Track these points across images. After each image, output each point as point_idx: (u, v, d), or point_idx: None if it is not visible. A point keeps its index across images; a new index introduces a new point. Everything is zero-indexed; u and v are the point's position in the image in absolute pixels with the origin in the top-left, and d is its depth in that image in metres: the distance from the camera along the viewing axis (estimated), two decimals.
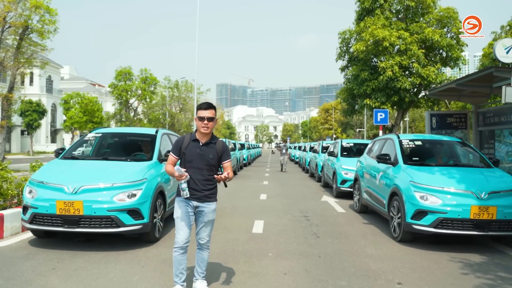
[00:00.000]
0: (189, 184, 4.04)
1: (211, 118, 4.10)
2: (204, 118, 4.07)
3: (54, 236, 6.57)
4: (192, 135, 4.23)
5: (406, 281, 4.85)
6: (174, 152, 4.22)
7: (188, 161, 4.13)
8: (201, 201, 4.13)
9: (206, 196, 4.14)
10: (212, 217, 4.24)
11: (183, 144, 4.18)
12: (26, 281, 4.58)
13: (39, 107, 46.05)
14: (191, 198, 4.09)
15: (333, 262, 5.57)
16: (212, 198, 4.20)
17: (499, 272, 5.30)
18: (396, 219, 7.00)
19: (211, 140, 4.20)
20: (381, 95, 18.93)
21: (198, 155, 4.10)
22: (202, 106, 4.14)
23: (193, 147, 4.13)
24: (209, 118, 4.09)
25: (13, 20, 21.02)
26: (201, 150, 4.11)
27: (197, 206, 4.14)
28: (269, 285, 4.62)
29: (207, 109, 4.10)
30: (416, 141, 8.45)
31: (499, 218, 6.15)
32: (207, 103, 4.16)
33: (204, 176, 4.12)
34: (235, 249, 6.16)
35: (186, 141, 4.19)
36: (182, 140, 4.22)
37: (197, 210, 4.16)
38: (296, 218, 8.91)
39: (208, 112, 4.10)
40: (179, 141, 4.24)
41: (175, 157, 4.21)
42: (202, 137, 4.17)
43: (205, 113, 4.09)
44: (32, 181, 6.18)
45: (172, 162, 4.21)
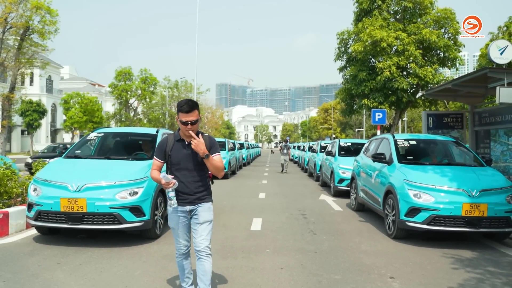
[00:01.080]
0: (179, 188, 3.73)
1: (195, 121, 3.67)
2: (188, 122, 3.64)
3: (57, 233, 6.76)
4: (175, 135, 3.86)
5: (398, 275, 5.04)
6: (158, 156, 3.86)
7: (175, 163, 3.81)
8: (195, 204, 3.81)
9: (199, 198, 3.83)
10: (208, 217, 3.84)
11: (167, 146, 3.83)
12: (33, 275, 4.76)
13: (39, 107, 46.22)
14: (183, 203, 3.79)
15: (328, 258, 5.75)
16: (206, 199, 3.88)
17: (488, 267, 5.49)
18: (391, 216, 7.19)
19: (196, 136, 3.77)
20: (379, 95, 19.14)
21: (185, 156, 3.77)
22: (184, 108, 3.63)
23: (179, 148, 3.80)
24: (192, 122, 3.66)
25: (14, 20, 21.27)
26: (188, 150, 3.77)
27: (191, 210, 3.83)
28: (266, 279, 4.81)
29: (189, 112, 3.64)
30: (410, 141, 8.64)
31: (490, 215, 6.33)
32: (189, 105, 3.65)
33: (195, 177, 3.80)
34: (233, 245, 6.35)
35: (170, 143, 3.84)
36: (165, 142, 3.86)
37: (192, 214, 3.85)
38: (294, 216, 9.10)
39: (191, 115, 3.64)
40: (163, 143, 3.88)
41: (160, 161, 3.87)
42: (186, 137, 3.79)
43: (188, 117, 3.64)
44: (37, 180, 6.37)
45: (157, 167, 3.87)
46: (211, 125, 71.57)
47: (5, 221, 6.66)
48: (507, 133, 10.45)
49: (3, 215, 6.62)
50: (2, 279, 4.62)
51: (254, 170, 26.35)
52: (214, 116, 74.69)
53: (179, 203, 3.77)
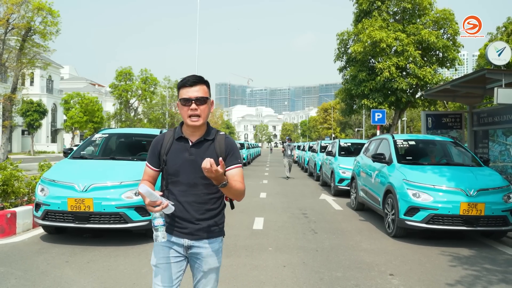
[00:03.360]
0: (176, 213, 2.47)
1: (203, 99, 2.46)
2: (191, 100, 2.44)
3: (64, 232, 6.91)
4: (176, 132, 2.57)
5: (397, 273, 5.19)
6: (151, 161, 2.60)
7: (172, 174, 2.51)
8: (197, 237, 2.51)
9: (205, 229, 2.51)
10: (216, 263, 2.58)
11: (162, 146, 2.56)
12: (43, 273, 4.91)
13: (40, 107, 46.34)
14: (178, 233, 2.51)
15: (329, 256, 5.90)
16: (216, 232, 2.56)
17: (485, 264, 5.63)
18: (390, 215, 7.34)
19: (207, 135, 2.53)
20: (379, 95, 19.28)
21: (187, 163, 2.47)
22: (187, 81, 2.47)
23: (179, 151, 2.51)
24: (199, 100, 2.45)
25: (16, 21, 21.37)
26: (191, 154, 2.48)
27: (190, 246, 2.52)
28: (270, 276, 4.95)
29: (194, 85, 2.46)
30: (410, 141, 8.79)
31: (487, 214, 6.48)
32: (194, 76, 2.50)
33: (200, 196, 2.49)
34: (237, 244, 6.50)
35: (167, 142, 2.56)
36: (161, 141, 2.58)
37: (191, 253, 2.55)
38: (295, 215, 9.24)
39: (197, 89, 2.46)
40: (157, 142, 2.61)
41: (153, 169, 2.60)
42: (192, 132, 2.52)
43: (192, 91, 2.45)
44: (44, 180, 6.51)
45: (149, 177, 2.61)
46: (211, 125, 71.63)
47: (12, 220, 6.81)
48: (505, 133, 10.60)
49: (10, 215, 6.77)
50: (13, 276, 4.76)
51: (254, 170, 26.49)
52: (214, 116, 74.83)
53: (173, 232, 2.52)
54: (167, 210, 2.38)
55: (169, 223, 2.50)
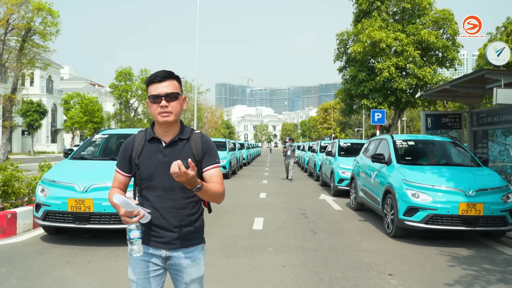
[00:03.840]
0: (152, 220, 2.26)
1: (174, 95, 2.27)
2: (161, 96, 2.24)
3: (64, 232, 6.93)
4: (147, 132, 2.36)
5: (396, 273, 5.21)
6: (121, 167, 2.39)
7: (145, 178, 2.30)
8: (175, 247, 2.30)
9: (184, 237, 2.31)
10: (198, 273, 2.38)
11: (133, 149, 2.35)
12: (43, 273, 4.93)
13: (40, 107, 46.36)
14: (156, 243, 2.31)
15: (329, 256, 5.92)
16: (196, 239, 2.37)
17: (484, 264, 5.66)
18: (390, 215, 7.36)
19: (181, 134, 2.34)
20: (378, 95, 19.32)
21: (161, 166, 2.26)
22: (156, 77, 2.27)
23: (152, 153, 2.31)
24: (169, 96, 2.26)
25: (16, 22, 21.40)
26: (165, 156, 2.27)
27: (168, 257, 2.32)
28: (269, 277, 4.97)
29: (163, 81, 2.27)
30: (409, 141, 8.81)
31: (486, 214, 6.50)
32: (164, 71, 2.31)
33: (177, 201, 2.29)
34: (236, 244, 6.52)
35: (138, 144, 2.35)
36: (131, 144, 2.38)
37: (170, 264, 2.34)
38: (295, 215, 9.26)
39: (166, 85, 2.26)
40: (127, 145, 2.39)
41: (124, 174, 2.39)
42: (164, 132, 2.32)
43: (162, 87, 2.25)
44: (44, 180, 6.53)
45: (119, 184, 2.40)
46: (211, 125, 71.79)
47: (13, 221, 6.83)
48: (504, 133, 10.63)
49: (11, 215, 6.79)
50: (14, 276, 4.79)
51: (254, 170, 26.52)
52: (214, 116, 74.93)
53: (149, 242, 2.30)
54: (143, 219, 2.18)
55: (145, 233, 2.27)
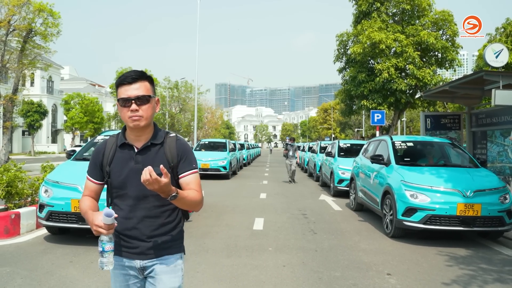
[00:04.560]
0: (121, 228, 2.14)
1: (145, 97, 2.11)
2: (131, 99, 2.08)
3: (67, 232, 7.02)
4: (119, 138, 2.21)
5: (394, 272, 5.30)
6: (92, 174, 2.25)
7: (117, 187, 2.17)
8: (150, 257, 2.17)
9: (159, 246, 2.18)
10: (174, 284, 2.20)
11: (104, 155, 2.21)
12: (48, 273, 5.01)
13: (40, 107, 46.47)
14: (129, 254, 2.18)
15: (328, 256, 6.01)
16: (173, 248, 2.22)
17: (481, 264, 5.74)
18: (389, 216, 7.45)
19: (154, 139, 2.19)
20: (378, 96, 19.42)
21: (133, 173, 2.11)
22: (126, 78, 2.10)
23: (123, 160, 2.17)
24: (140, 99, 2.09)
25: (17, 23, 21.49)
26: (137, 163, 2.13)
27: (144, 267, 2.19)
28: (270, 276, 5.06)
29: (134, 82, 2.10)
30: (408, 143, 8.90)
31: (483, 214, 6.59)
32: (134, 71, 2.14)
33: (151, 210, 2.16)
34: (237, 244, 6.60)
35: (109, 150, 2.20)
36: (102, 150, 2.24)
37: (147, 274, 2.20)
38: (295, 215, 9.35)
39: (137, 87, 2.10)
40: (98, 151, 2.25)
41: (95, 182, 2.24)
42: (136, 137, 2.18)
43: (132, 90, 2.09)
44: (48, 181, 6.62)
45: (91, 192, 2.24)
46: (211, 125, 71.86)
47: (17, 221, 6.92)
48: (503, 134, 10.70)
49: (15, 216, 6.88)
50: (19, 276, 4.87)
51: (254, 170, 26.60)
52: (214, 116, 74.99)
53: (121, 253, 2.18)
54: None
55: (117, 243, 2.12)
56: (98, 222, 1.94)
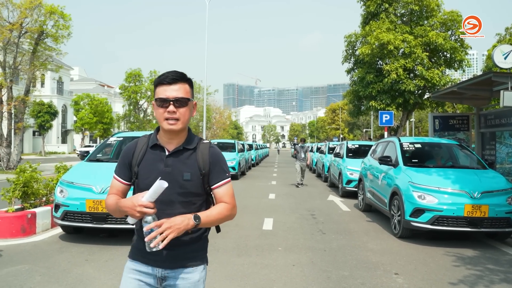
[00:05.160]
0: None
1: (184, 100, 2.05)
2: (169, 100, 2.02)
3: (81, 232, 7.20)
4: (150, 138, 2.16)
5: (402, 272, 5.40)
6: (120, 173, 2.18)
7: (143, 189, 2.01)
8: (173, 266, 2.07)
9: (184, 256, 2.09)
10: None
11: (134, 155, 2.15)
12: (65, 270, 5.18)
13: (50, 108, 46.93)
14: (150, 261, 2.07)
15: (337, 256, 6.12)
16: (197, 259, 2.13)
17: (488, 264, 5.82)
18: (396, 217, 7.54)
19: (187, 144, 2.13)
20: (386, 97, 19.46)
21: (162, 176, 2.00)
22: (165, 78, 2.04)
23: (152, 161, 2.10)
24: (179, 101, 2.04)
25: (29, 25, 21.75)
26: (167, 166, 2.07)
27: (164, 277, 2.08)
28: (280, 275, 5.18)
29: (173, 83, 2.04)
30: (416, 144, 8.97)
31: (491, 215, 6.67)
32: (175, 72, 2.07)
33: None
34: (247, 243, 6.74)
35: (139, 151, 2.15)
36: (132, 149, 2.17)
37: (166, 285, 2.10)
38: (304, 216, 9.46)
39: (176, 88, 2.04)
40: (128, 150, 2.19)
41: (123, 182, 2.17)
42: (169, 139, 2.12)
43: (171, 90, 2.03)
44: (63, 182, 6.81)
45: (118, 192, 2.18)
46: (219, 126, 72.06)
47: (33, 220, 7.11)
48: None
49: (31, 215, 7.07)
50: (38, 273, 5.05)
51: (263, 170, 26.72)
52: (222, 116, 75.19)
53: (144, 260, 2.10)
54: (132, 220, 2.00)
55: (138, 249, 2.08)
56: (142, 201, 1.88)
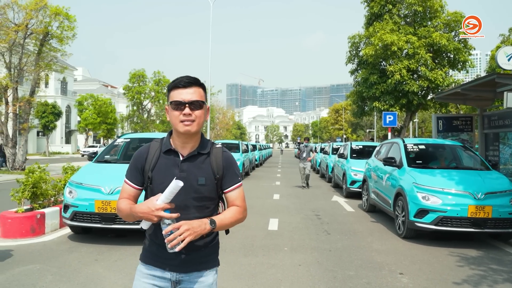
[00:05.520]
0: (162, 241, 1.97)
1: (199, 103, 2.06)
2: (184, 103, 2.03)
3: (89, 232, 7.31)
4: (164, 143, 2.15)
5: (407, 272, 5.48)
6: (132, 178, 2.16)
7: (158, 194, 1.97)
8: (187, 269, 2.10)
9: (198, 259, 2.11)
10: None
11: (147, 160, 2.13)
12: (75, 270, 5.29)
13: (55, 108, 47.13)
14: (164, 265, 2.08)
15: (342, 256, 6.21)
16: (210, 262, 2.17)
17: (491, 265, 5.90)
18: (401, 217, 7.61)
19: (201, 148, 2.13)
20: (390, 98, 19.52)
21: None
22: (180, 82, 2.06)
23: (167, 167, 2.09)
24: (194, 104, 2.04)
25: (35, 27, 21.91)
26: (182, 171, 2.05)
27: (179, 281, 2.11)
28: (286, 275, 5.27)
29: (188, 87, 2.05)
30: (420, 145, 9.05)
31: (494, 216, 6.74)
32: (189, 77, 2.08)
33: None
34: (254, 244, 6.83)
35: (152, 156, 2.13)
36: (145, 154, 2.16)
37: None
38: (308, 216, 9.55)
39: (192, 91, 2.05)
40: (140, 155, 2.17)
41: (135, 187, 2.15)
42: (183, 144, 2.11)
43: (186, 93, 2.04)
44: (72, 183, 6.92)
45: (129, 196, 2.15)
46: (222, 126, 72.21)
47: (42, 221, 7.22)
48: None
49: (40, 216, 7.19)
50: (49, 273, 5.15)
51: (267, 171, 26.81)
52: (225, 117, 75.34)
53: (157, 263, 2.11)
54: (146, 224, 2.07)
55: (153, 253, 2.10)
56: (159, 205, 1.88)
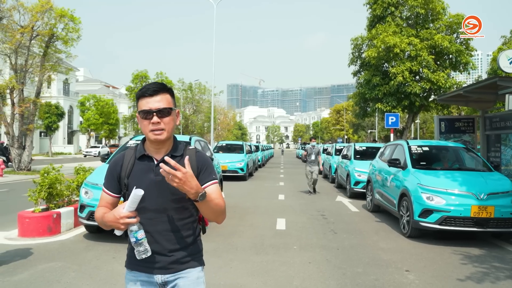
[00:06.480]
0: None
1: (166, 110, 2.09)
2: (152, 112, 2.05)
3: (104, 231, 7.53)
4: (138, 149, 2.18)
5: (412, 269, 5.71)
6: (109, 186, 2.18)
7: None
8: (171, 271, 2.13)
9: (180, 261, 2.14)
10: None
11: (122, 168, 2.17)
12: (96, 267, 5.52)
13: (58, 109, 47.37)
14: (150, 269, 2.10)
15: (350, 254, 6.44)
16: (194, 262, 2.19)
17: (494, 262, 6.13)
18: (405, 217, 7.84)
19: (174, 151, 2.17)
20: (392, 99, 19.76)
21: (153, 185, 2.08)
22: (147, 91, 2.08)
23: (142, 172, 2.12)
24: (161, 112, 2.07)
25: (40, 29, 22.15)
26: (157, 175, 2.02)
27: (165, 283, 2.14)
28: (298, 272, 5.50)
29: (155, 95, 2.08)
30: (424, 147, 9.28)
31: (496, 216, 6.97)
32: (155, 84, 2.11)
33: (170, 223, 2.11)
34: (263, 242, 7.07)
35: (127, 163, 2.17)
36: (120, 162, 2.19)
37: None
38: (314, 216, 9.78)
39: (158, 99, 2.08)
40: (115, 163, 2.21)
41: (112, 195, 2.17)
42: (156, 149, 2.14)
43: (153, 102, 2.07)
44: (87, 183, 7.16)
45: (107, 204, 2.16)
46: (224, 126, 72.47)
47: (58, 220, 7.46)
48: None
49: (56, 215, 7.43)
50: (71, 270, 5.39)
51: (269, 171, 27.03)
52: (227, 117, 75.61)
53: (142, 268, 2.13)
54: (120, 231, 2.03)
55: (135, 258, 2.07)
56: (123, 213, 1.93)
